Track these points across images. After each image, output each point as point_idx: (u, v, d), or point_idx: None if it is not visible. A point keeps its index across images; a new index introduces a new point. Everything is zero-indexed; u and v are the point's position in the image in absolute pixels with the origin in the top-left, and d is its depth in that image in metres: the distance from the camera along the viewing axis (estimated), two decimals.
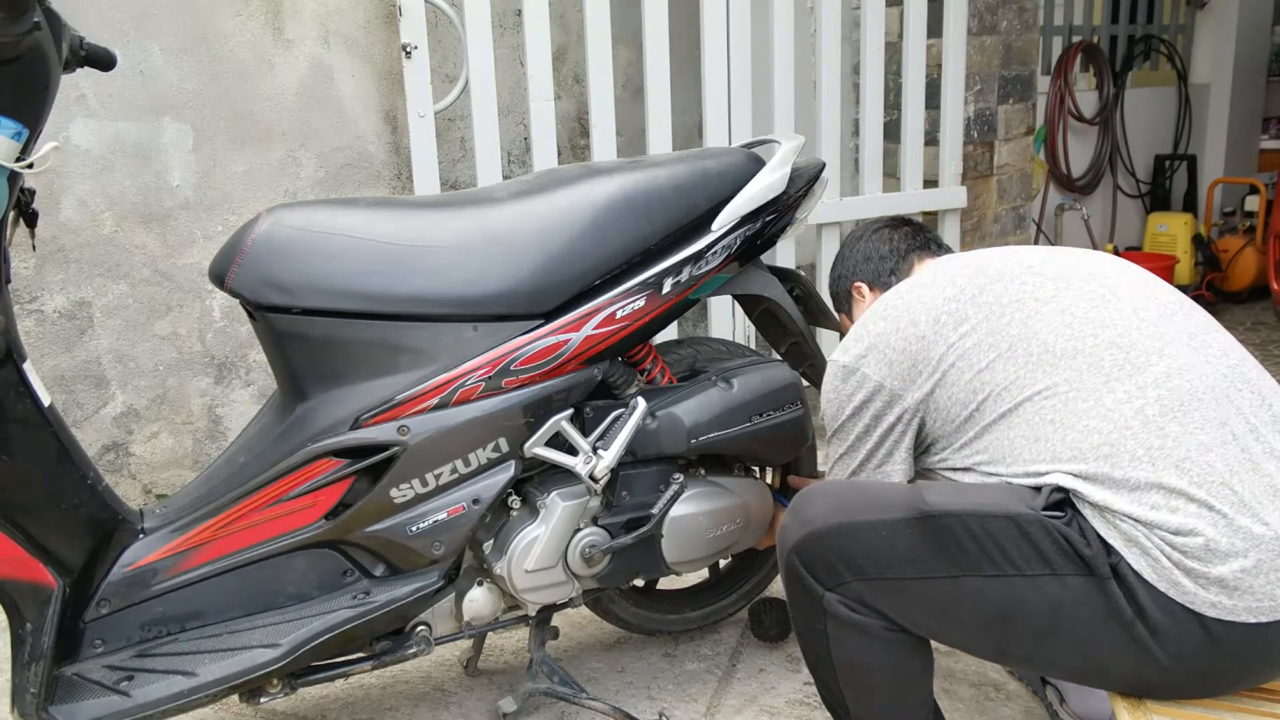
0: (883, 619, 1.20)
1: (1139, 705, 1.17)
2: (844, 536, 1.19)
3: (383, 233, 1.46)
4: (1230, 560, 1.07)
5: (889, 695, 1.25)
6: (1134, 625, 1.10)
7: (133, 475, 2.56)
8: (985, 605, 1.15)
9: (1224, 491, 1.09)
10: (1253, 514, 1.08)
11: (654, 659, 1.92)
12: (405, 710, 1.77)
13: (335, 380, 1.46)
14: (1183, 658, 1.10)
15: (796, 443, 1.77)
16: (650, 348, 1.72)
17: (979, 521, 1.14)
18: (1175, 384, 1.15)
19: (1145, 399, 1.15)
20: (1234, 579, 1.07)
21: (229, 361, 2.65)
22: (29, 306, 2.39)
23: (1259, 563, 1.07)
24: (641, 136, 2.74)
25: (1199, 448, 1.11)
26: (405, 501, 1.48)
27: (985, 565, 1.13)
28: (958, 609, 1.16)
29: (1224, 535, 1.07)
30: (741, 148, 1.73)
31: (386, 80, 2.72)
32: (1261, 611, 1.07)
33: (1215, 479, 1.10)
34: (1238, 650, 1.09)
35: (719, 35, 2.69)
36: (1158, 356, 1.18)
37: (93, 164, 2.41)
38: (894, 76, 3.17)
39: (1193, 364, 1.17)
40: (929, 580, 1.15)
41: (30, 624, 1.31)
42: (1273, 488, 1.11)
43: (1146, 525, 1.10)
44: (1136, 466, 1.12)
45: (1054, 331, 1.23)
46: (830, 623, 1.21)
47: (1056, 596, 1.12)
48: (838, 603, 1.20)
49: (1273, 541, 1.08)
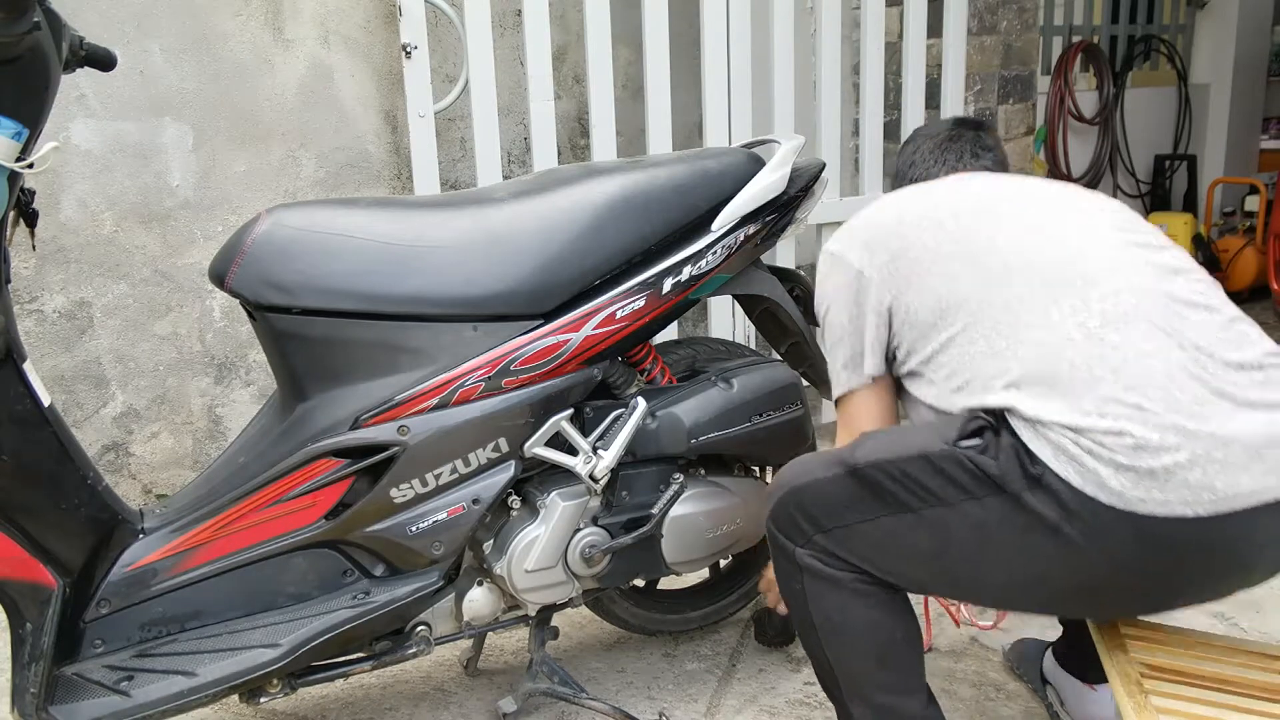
0: (851, 570, 1.26)
1: (1142, 706, 1.17)
2: (800, 494, 1.29)
3: (383, 233, 1.46)
4: (1162, 455, 1.08)
5: (872, 659, 1.28)
6: (1059, 531, 1.12)
7: (133, 475, 2.56)
8: (920, 539, 1.22)
9: (1159, 394, 1.11)
10: (1188, 413, 1.10)
11: (654, 659, 1.92)
12: (405, 710, 1.77)
13: (335, 380, 1.46)
14: (1119, 561, 1.12)
15: (796, 443, 1.77)
16: (650, 348, 1.73)
17: (898, 465, 1.22)
18: (1123, 299, 1.19)
19: (1089, 312, 1.18)
20: (1165, 472, 1.08)
21: (229, 361, 2.65)
22: (29, 306, 2.39)
23: (1194, 456, 1.08)
24: (641, 136, 2.74)
25: (1137, 354, 1.14)
26: (405, 501, 1.48)
27: (912, 502, 1.21)
28: (899, 546, 1.24)
29: (1155, 433, 1.09)
30: (741, 148, 1.73)
31: (386, 80, 2.72)
32: (1199, 504, 1.08)
33: (1151, 383, 1.12)
34: (1178, 548, 1.10)
35: (719, 35, 2.69)
36: (1109, 274, 1.21)
37: (93, 164, 2.41)
38: (894, 76, 3.17)
39: (1146, 285, 1.20)
40: (870, 523, 1.24)
41: (30, 624, 1.31)
42: (1215, 391, 1.12)
43: (1076, 431, 1.12)
44: (1074, 374, 1.15)
45: (1014, 248, 1.27)
46: (806, 579, 1.29)
47: (978, 518, 1.18)
48: (808, 557, 1.28)
49: (1208, 437, 1.09)
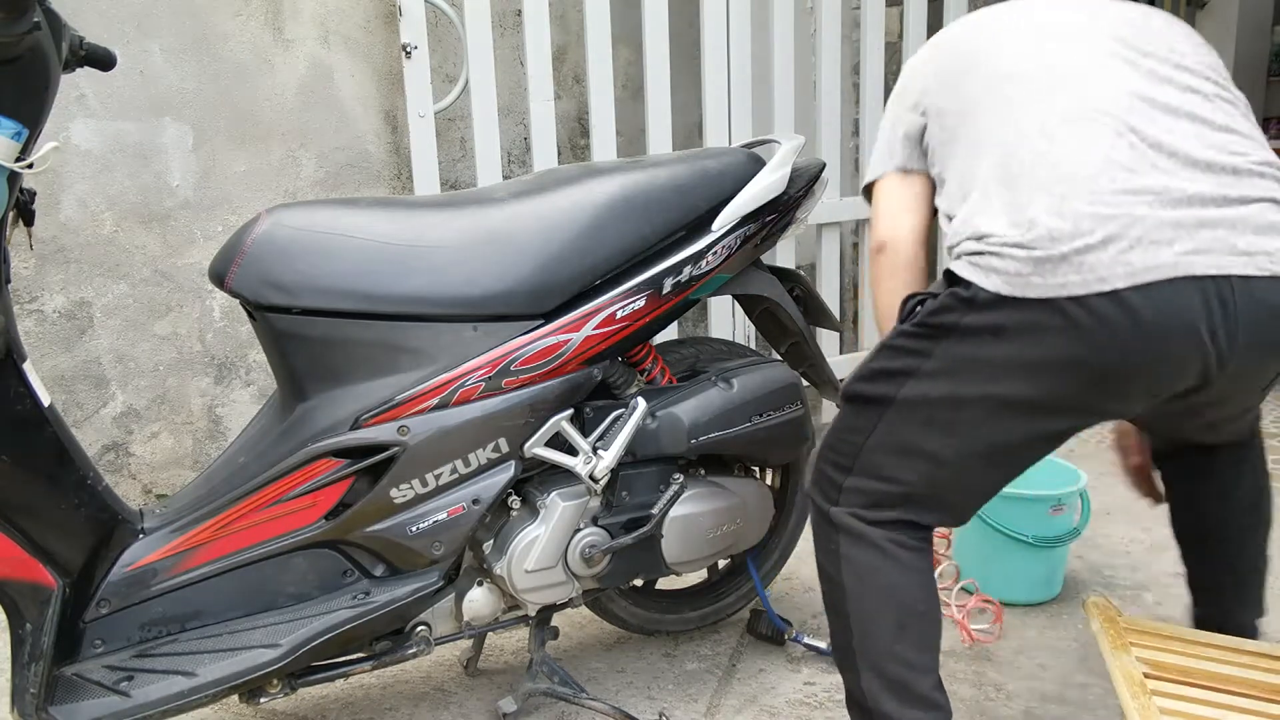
0: (880, 527, 1.30)
1: (1145, 706, 1.17)
2: (824, 448, 1.38)
3: (383, 233, 1.46)
4: (1075, 240, 1.13)
5: (893, 625, 1.30)
6: (1007, 342, 1.18)
7: (133, 475, 2.56)
8: (910, 429, 1.28)
9: (1085, 185, 1.15)
10: (1108, 203, 1.13)
11: (654, 659, 1.92)
12: (405, 710, 1.77)
13: (335, 380, 1.46)
14: (1062, 355, 1.16)
15: (796, 443, 1.77)
16: (650, 348, 1.72)
17: (867, 368, 1.33)
18: (1088, 102, 1.21)
19: (1052, 113, 1.22)
20: (1077, 255, 1.13)
21: (229, 361, 2.65)
22: (29, 306, 2.39)
23: (1108, 236, 1.12)
24: (641, 136, 2.74)
25: (1079, 148, 1.18)
26: (405, 502, 1.48)
27: (889, 392, 1.29)
28: (901, 447, 1.29)
29: (1068, 223, 1.13)
30: (741, 148, 1.73)
31: (386, 80, 2.72)
32: (1115, 279, 1.11)
33: (1082, 174, 1.15)
34: (1110, 325, 1.13)
35: (719, 35, 2.69)
36: (1081, 79, 1.24)
37: (93, 164, 2.41)
38: (894, 76, 3.17)
39: (1119, 90, 1.22)
40: (872, 435, 1.31)
41: (30, 624, 1.31)
42: (1155, 183, 1.14)
43: (1001, 242, 1.17)
44: (1019, 172, 1.20)
45: (1017, 55, 1.31)
46: (842, 539, 1.33)
47: (941, 371, 1.24)
48: (844, 515, 1.33)
49: (1124, 218, 1.12)
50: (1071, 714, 1.70)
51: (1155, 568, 2.21)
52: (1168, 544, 2.30)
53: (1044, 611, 2.04)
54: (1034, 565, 2.03)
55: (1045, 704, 1.73)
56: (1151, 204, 1.13)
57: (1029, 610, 2.04)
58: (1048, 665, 1.85)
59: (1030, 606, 2.05)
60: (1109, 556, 2.28)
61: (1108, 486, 2.61)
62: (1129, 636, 1.32)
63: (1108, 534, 2.38)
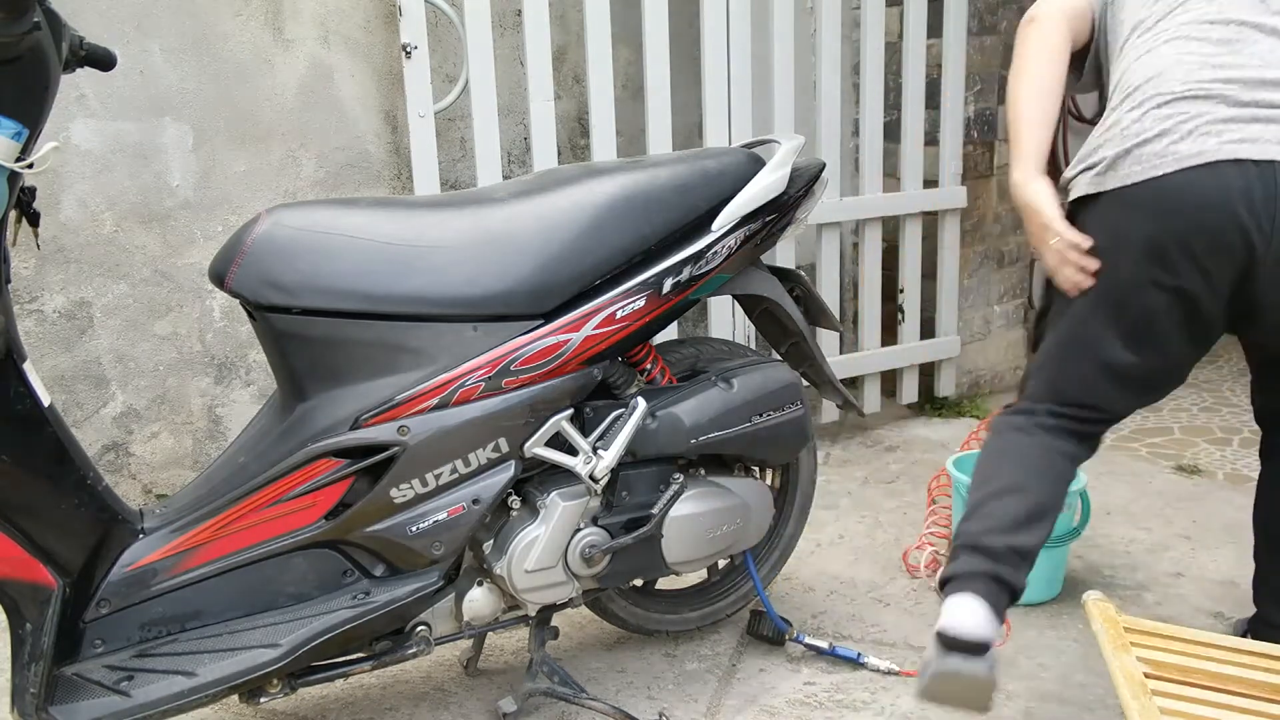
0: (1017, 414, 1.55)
1: (1146, 706, 1.17)
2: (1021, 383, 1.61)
3: (383, 233, 1.46)
4: (1138, 137, 1.37)
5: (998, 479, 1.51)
6: (1100, 242, 1.41)
7: (133, 475, 2.56)
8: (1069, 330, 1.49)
9: (1165, 86, 1.37)
10: (1177, 101, 1.35)
11: (654, 659, 1.92)
12: (405, 710, 1.77)
13: (335, 380, 1.46)
14: (1124, 236, 1.38)
15: (796, 442, 1.77)
16: (650, 348, 1.72)
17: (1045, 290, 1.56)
18: (1193, 22, 1.41)
19: (1172, 32, 1.42)
20: (1137, 148, 1.37)
21: (229, 361, 2.65)
22: (29, 306, 2.39)
23: (1163, 131, 1.35)
24: (641, 136, 2.74)
25: (1173, 61, 1.39)
26: (405, 501, 1.48)
27: (1061, 305, 1.51)
28: (1061, 353, 1.51)
29: (1139, 124, 1.38)
30: (741, 148, 1.73)
31: (386, 80, 2.72)
32: (1164, 166, 1.34)
33: (1168, 78, 1.38)
34: (1154, 205, 1.35)
35: (719, 35, 2.69)
36: (1206, 2, 1.42)
37: (93, 164, 2.41)
38: (894, 76, 3.17)
39: (1226, 12, 1.40)
40: (1044, 352, 1.54)
41: (30, 624, 1.31)
42: (1222, 92, 1.33)
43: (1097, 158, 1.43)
44: (1133, 81, 1.42)
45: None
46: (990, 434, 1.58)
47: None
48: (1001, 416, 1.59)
49: (1180, 115, 1.34)
50: (1071, 714, 1.70)
51: (1155, 568, 2.21)
52: (1168, 544, 2.30)
53: (1044, 611, 2.04)
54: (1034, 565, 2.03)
55: (1045, 704, 1.73)
56: (1216, 104, 1.32)
57: (1029, 610, 2.04)
58: (1048, 665, 1.85)
59: (1030, 606, 2.05)
60: (1109, 556, 2.28)
61: (1107, 486, 2.61)
62: (1129, 636, 1.32)
63: (1108, 534, 2.38)
